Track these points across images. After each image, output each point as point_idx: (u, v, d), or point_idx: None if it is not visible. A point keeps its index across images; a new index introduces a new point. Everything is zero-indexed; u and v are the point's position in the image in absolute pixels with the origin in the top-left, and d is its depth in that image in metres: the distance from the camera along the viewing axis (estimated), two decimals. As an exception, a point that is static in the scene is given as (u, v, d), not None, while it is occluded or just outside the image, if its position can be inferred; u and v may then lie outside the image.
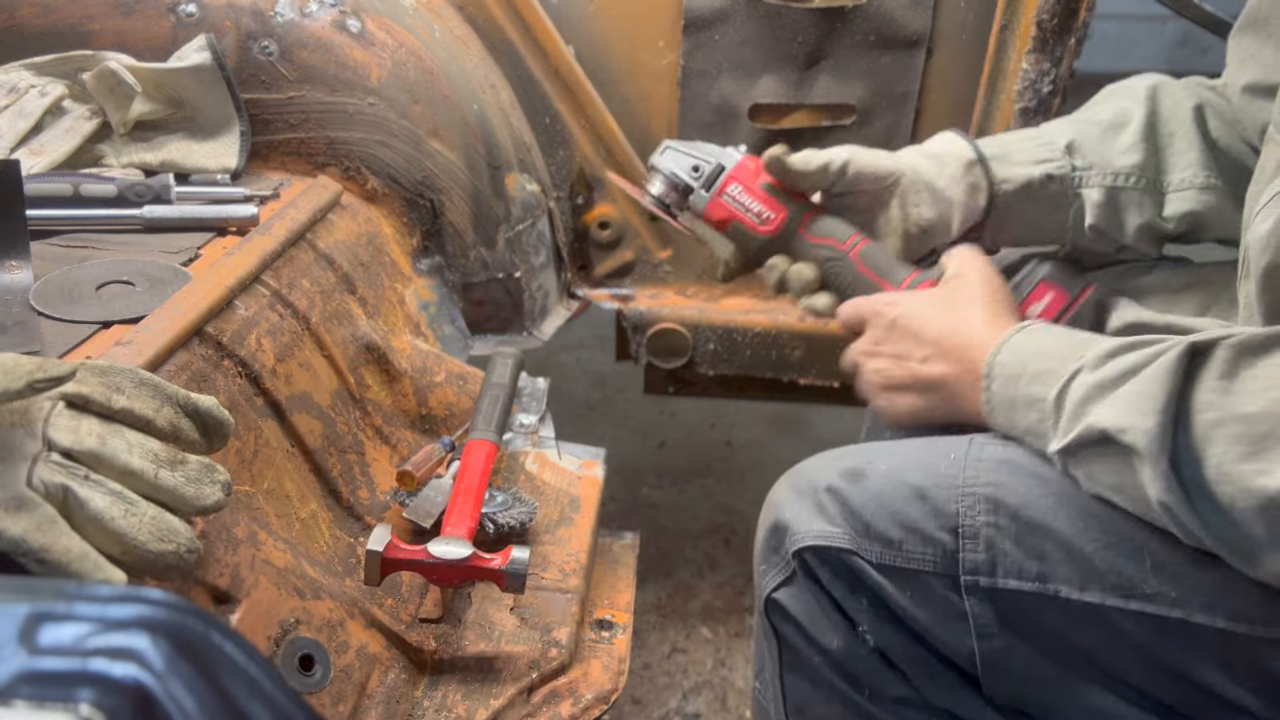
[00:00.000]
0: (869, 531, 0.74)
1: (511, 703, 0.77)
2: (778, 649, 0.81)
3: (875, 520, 0.74)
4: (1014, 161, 0.93)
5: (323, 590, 0.74)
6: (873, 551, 0.74)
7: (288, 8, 1.11)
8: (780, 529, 0.80)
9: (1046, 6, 1.19)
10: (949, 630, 0.72)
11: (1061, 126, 0.95)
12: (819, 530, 0.76)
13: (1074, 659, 0.70)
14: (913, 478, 0.75)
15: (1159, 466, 0.60)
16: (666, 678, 1.49)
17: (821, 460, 0.83)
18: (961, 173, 0.92)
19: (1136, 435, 0.61)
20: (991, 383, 0.75)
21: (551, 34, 1.27)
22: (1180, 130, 0.90)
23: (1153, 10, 2.16)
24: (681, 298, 1.42)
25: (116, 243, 0.93)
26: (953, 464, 0.75)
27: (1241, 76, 0.85)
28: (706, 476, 1.96)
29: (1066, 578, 0.68)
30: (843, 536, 0.75)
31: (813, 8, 1.24)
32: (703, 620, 1.60)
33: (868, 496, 0.75)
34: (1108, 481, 0.67)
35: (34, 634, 0.37)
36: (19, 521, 0.50)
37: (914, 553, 0.73)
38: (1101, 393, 0.65)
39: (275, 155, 1.14)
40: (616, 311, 1.41)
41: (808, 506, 0.78)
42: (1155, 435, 0.60)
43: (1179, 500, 0.60)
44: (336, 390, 0.93)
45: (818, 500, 0.78)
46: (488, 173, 1.22)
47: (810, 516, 0.77)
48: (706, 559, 1.74)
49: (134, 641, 0.37)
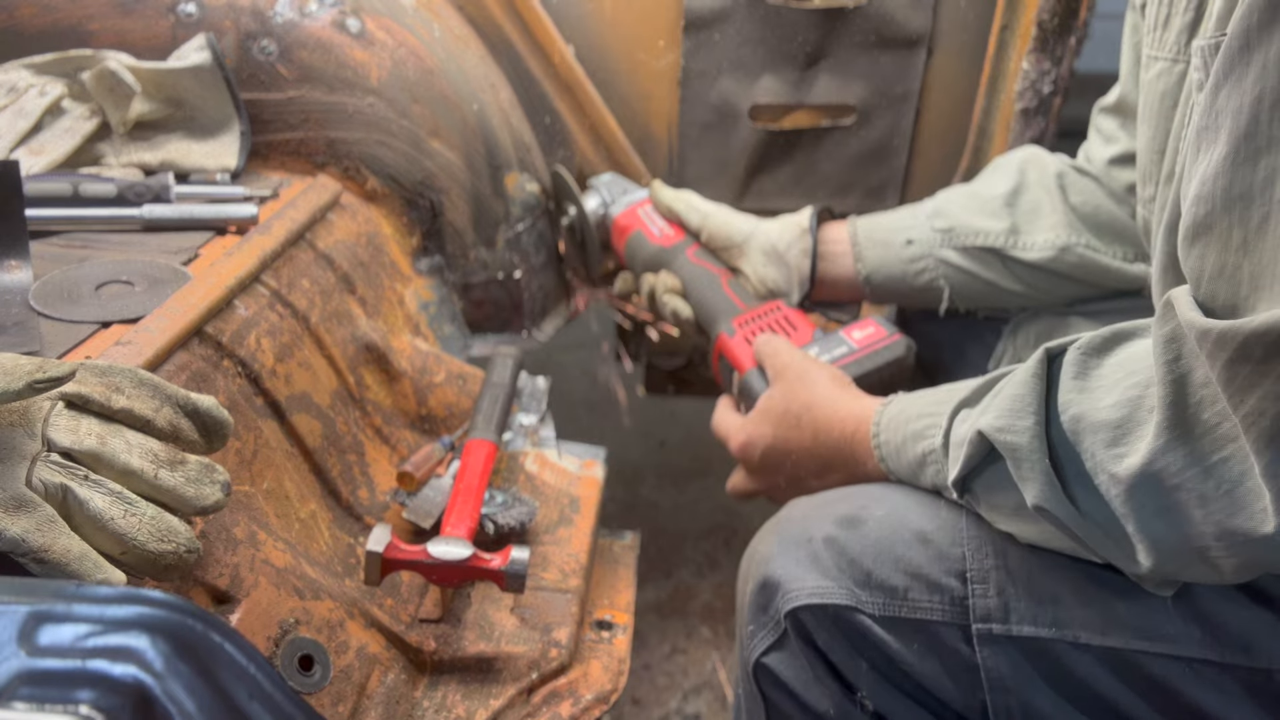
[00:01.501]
0: (870, 581, 0.70)
1: (511, 703, 0.77)
2: (765, 716, 0.77)
3: (877, 568, 0.70)
4: (881, 227, 1.07)
5: (322, 590, 0.74)
6: (875, 603, 0.70)
7: (287, 7, 1.11)
8: (769, 586, 0.75)
9: (1047, 6, 1.19)
10: (959, 684, 0.68)
11: (935, 198, 1.07)
12: (814, 586, 0.71)
13: (1096, 709, 0.66)
14: (914, 521, 0.72)
15: (1040, 465, 0.61)
16: (666, 678, 1.49)
17: (810, 507, 0.79)
18: (796, 238, 1.07)
19: (1017, 434, 0.62)
20: (885, 461, 0.79)
21: (551, 34, 1.27)
22: (1045, 197, 1.01)
23: (1153, 10, 2.16)
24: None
25: (116, 242, 0.93)
26: (952, 507, 0.73)
27: (1106, 151, 1.01)
28: (706, 476, 1.96)
29: (1084, 622, 0.65)
30: (840, 591, 0.70)
31: (813, 8, 1.24)
32: (703, 620, 1.60)
33: (867, 544, 0.72)
34: (1007, 506, 0.66)
35: (34, 634, 0.37)
36: (19, 521, 0.50)
37: (920, 601, 0.69)
38: (980, 413, 0.66)
39: (275, 155, 1.14)
40: (617, 311, 1.41)
41: (800, 559, 0.73)
42: (1034, 432, 0.61)
43: (1059, 499, 0.60)
44: (336, 390, 0.93)
45: (812, 552, 0.73)
46: (488, 172, 1.22)
47: (804, 570, 0.73)
48: (706, 559, 1.74)
49: (134, 642, 0.37)
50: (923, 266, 1.04)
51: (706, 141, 1.34)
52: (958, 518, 0.71)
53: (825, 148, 1.33)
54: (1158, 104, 0.73)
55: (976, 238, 1.01)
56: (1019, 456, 0.62)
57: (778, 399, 0.90)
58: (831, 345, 0.99)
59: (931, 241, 1.03)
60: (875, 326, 1.01)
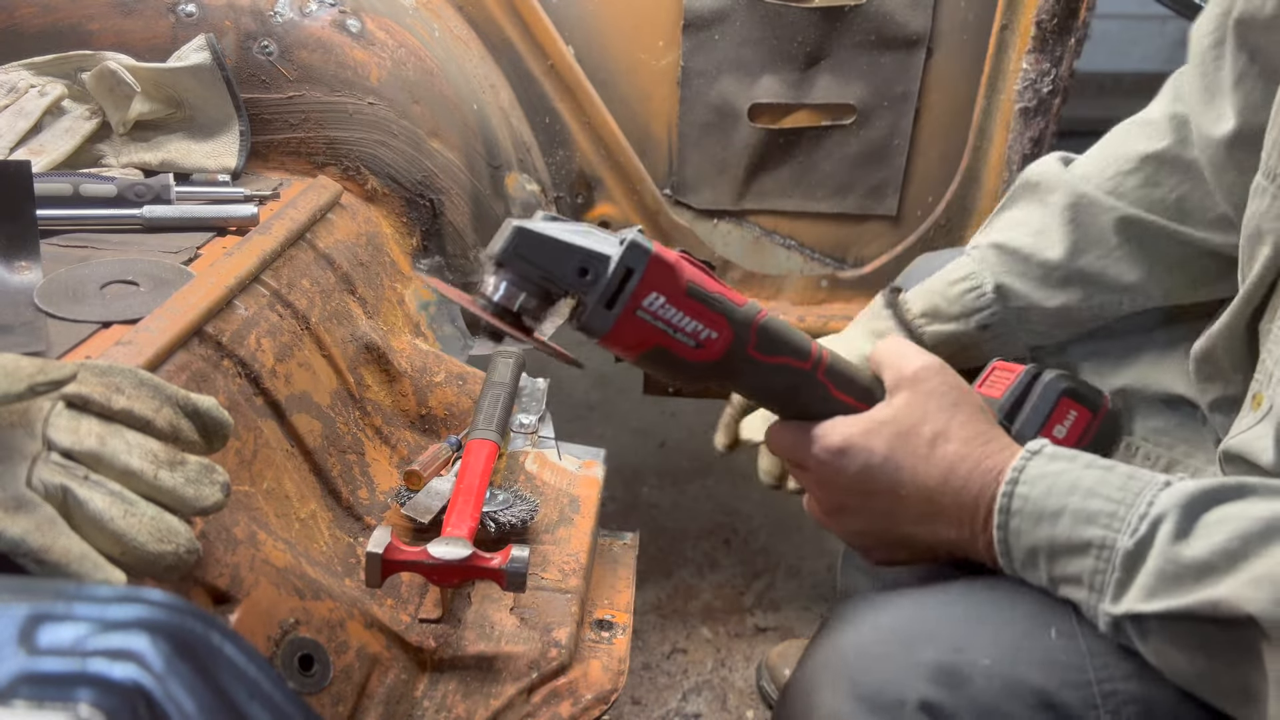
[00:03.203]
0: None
1: (511, 703, 0.77)
2: None
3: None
4: (945, 316, 0.88)
5: (322, 590, 0.74)
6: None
7: (287, 8, 1.11)
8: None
9: (1046, 6, 1.19)
10: None
11: (987, 261, 0.89)
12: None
13: None
14: (1029, 676, 0.59)
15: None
16: (666, 678, 1.49)
17: (888, 647, 0.62)
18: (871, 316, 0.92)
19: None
20: (1010, 519, 0.62)
21: (551, 34, 1.27)
22: (1110, 258, 0.84)
23: (1153, 10, 2.16)
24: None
25: (116, 243, 0.93)
26: (1066, 645, 0.60)
27: (1219, 125, 0.72)
28: (706, 476, 1.96)
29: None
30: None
31: (813, 8, 1.24)
32: (703, 620, 1.60)
33: (979, 711, 0.58)
34: (1190, 669, 0.56)
35: (34, 635, 0.37)
36: (19, 522, 0.50)
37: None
38: (1225, 564, 0.53)
39: (275, 155, 1.14)
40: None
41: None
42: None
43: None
44: (336, 390, 0.93)
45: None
46: (488, 172, 1.22)
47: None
48: (706, 559, 1.74)
49: (133, 642, 0.37)
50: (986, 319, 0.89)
51: (706, 141, 1.34)
52: (1081, 665, 0.59)
53: (825, 148, 1.33)
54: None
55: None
56: (1271, 641, 0.51)
57: (903, 412, 0.68)
58: None
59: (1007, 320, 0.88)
60: (1003, 366, 0.80)
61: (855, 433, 0.69)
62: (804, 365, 0.69)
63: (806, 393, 0.70)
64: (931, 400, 0.68)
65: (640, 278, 0.63)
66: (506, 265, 0.64)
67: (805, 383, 0.69)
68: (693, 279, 0.65)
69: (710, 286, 0.66)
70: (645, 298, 0.64)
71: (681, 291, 0.65)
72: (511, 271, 0.64)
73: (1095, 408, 0.75)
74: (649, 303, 0.64)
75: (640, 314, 0.64)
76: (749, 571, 1.71)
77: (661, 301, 0.64)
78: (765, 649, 1.50)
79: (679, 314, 0.65)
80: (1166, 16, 3.87)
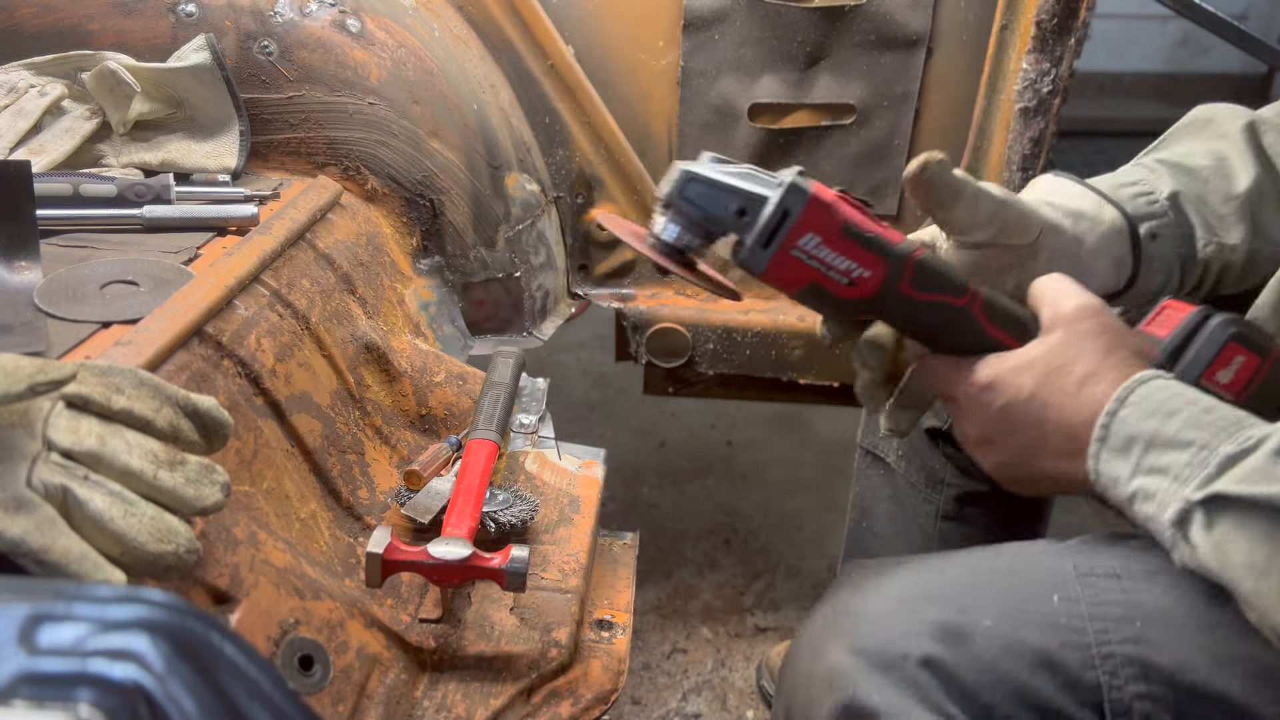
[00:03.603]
0: (990, 719, 0.58)
1: (511, 703, 0.77)
2: None
3: (998, 701, 0.58)
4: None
5: (322, 590, 0.74)
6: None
7: (287, 8, 1.11)
8: (862, 717, 0.59)
9: (1046, 6, 1.19)
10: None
11: (1157, 171, 0.82)
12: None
13: None
14: (1030, 636, 0.60)
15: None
16: (666, 678, 1.49)
17: (892, 606, 0.64)
18: (1109, 243, 0.77)
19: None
20: (1122, 407, 0.61)
21: (551, 34, 1.27)
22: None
23: (1153, 10, 2.16)
24: (681, 297, 1.42)
25: (116, 243, 0.93)
26: (1069, 609, 0.61)
27: None
28: (706, 476, 1.96)
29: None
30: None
31: (813, 8, 1.24)
32: (703, 620, 1.60)
33: (980, 667, 0.59)
34: (1247, 559, 0.55)
35: (34, 634, 0.37)
36: (19, 522, 0.50)
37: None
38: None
39: (275, 155, 1.14)
40: (616, 311, 1.41)
41: (898, 686, 0.59)
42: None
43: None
44: (336, 390, 0.93)
45: (909, 677, 0.59)
46: (488, 173, 1.22)
47: (905, 702, 0.59)
48: (706, 559, 1.74)
49: (133, 642, 0.37)
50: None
51: (706, 141, 1.34)
52: (1082, 629, 0.60)
53: (825, 148, 1.33)
54: None
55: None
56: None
57: (1055, 351, 0.67)
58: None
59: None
60: (1174, 305, 0.74)
61: (1004, 369, 0.68)
62: (959, 301, 0.70)
63: (960, 328, 0.70)
64: (1086, 341, 0.66)
65: (796, 219, 0.66)
66: (672, 206, 0.69)
67: (959, 318, 0.70)
68: (849, 218, 0.67)
69: (867, 226, 0.68)
70: (800, 238, 0.66)
71: (837, 231, 0.67)
72: (677, 212, 0.69)
73: (1265, 353, 0.71)
74: (804, 243, 0.67)
75: (795, 253, 0.67)
76: (749, 571, 1.71)
77: (816, 242, 0.67)
78: (765, 649, 1.50)
79: (833, 254, 0.67)
80: (1166, 16, 3.87)
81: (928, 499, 1.12)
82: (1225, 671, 0.57)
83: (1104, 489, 0.63)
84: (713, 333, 1.39)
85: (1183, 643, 0.58)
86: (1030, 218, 0.75)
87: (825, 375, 1.41)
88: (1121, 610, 0.60)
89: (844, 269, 0.68)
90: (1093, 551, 0.66)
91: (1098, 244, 0.76)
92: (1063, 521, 1.48)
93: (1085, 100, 3.84)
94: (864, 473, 1.19)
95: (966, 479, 1.09)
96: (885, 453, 1.14)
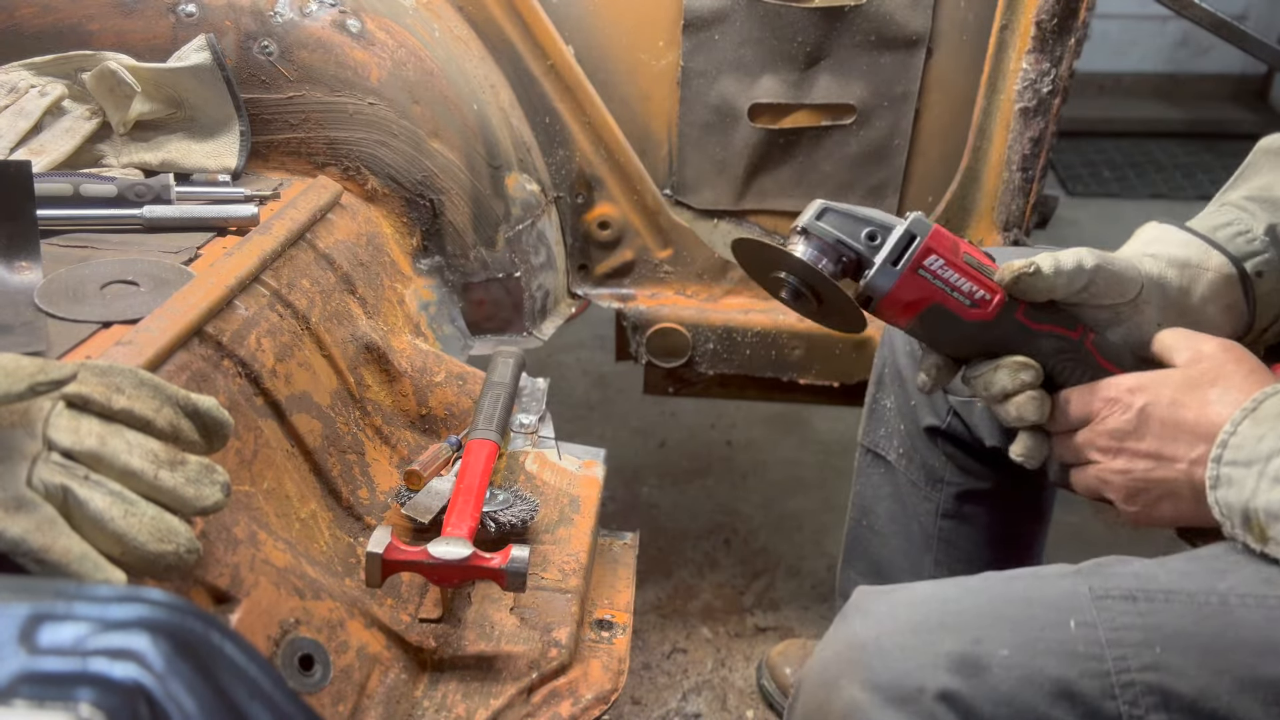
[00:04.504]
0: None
1: (511, 703, 0.77)
2: None
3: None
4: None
5: (323, 590, 0.74)
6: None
7: (287, 8, 1.11)
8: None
9: (1046, 6, 1.19)
10: None
11: (1248, 209, 0.82)
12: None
13: None
14: (1048, 666, 0.59)
15: None
16: (666, 678, 1.49)
17: (906, 638, 0.63)
18: (1220, 290, 0.77)
19: None
20: (1239, 424, 0.63)
21: (551, 34, 1.27)
22: None
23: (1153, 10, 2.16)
24: (681, 297, 1.42)
25: (116, 243, 0.93)
26: (1086, 635, 0.61)
27: None
28: (706, 476, 1.96)
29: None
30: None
31: (813, 8, 1.24)
32: (703, 620, 1.60)
33: (998, 700, 0.58)
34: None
35: (34, 634, 0.37)
36: (19, 522, 0.50)
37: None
38: None
39: (275, 155, 1.14)
40: (616, 311, 1.41)
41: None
42: None
43: None
44: (336, 390, 0.93)
45: (928, 713, 0.58)
46: (488, 173, 1.22)
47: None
48: (706, 559, 1.74)
49: (134, 642, 0.37)
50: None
51: (706, 141, 1.34)
52: (1100, 656, 0.59)
53: (825, 148, 1.33)
54: None
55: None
56: None
57: (1197, 369, 0.70)
58: None
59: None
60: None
61: (1147, 379, 0.71)
62: (1072, 334, 0.74)
63: (1075, 359, 0.74)
64: (1229, 364, 0.69)
65: (923, 241, 0.73)
66: (810, 232, 0.76)
67: (1073, 349, 0.74)
68: (968, 251, 0.74)
69: (984, 259, 0.74)
70: (927, 258, 0.73)
71: (959, 257, 0.73)
72: (814, 237, 0.75)
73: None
74: (930, 262, 0.73)
75: (921, 272, 0.73)
76: (749, 571, 1.71)
77: (941, 263, 0.73)
78: (765, 649, 1.50)
79: (956, 275, 0.73)
80: (1166, 16, 3.87)
81: (928, 497, 1.12)
82: (1247, 698, 0.56)
83: (1222, 496, 0.63)
84: (713, 333, 1.39)
85: (1204, 668, 0.57)
86: (1125, 277, 0.76)
87: (825, 375, 1.41)
88: (1140, 635, 0.59)
89: (967, 290, 0.73)
90: (1107, 573, 0.65)
91: (1207, 292, 0.77)
92: (1062, 521, 1.48)
93: (1085, 100, 3.84)
94: (865, 471, 1.19)
95: (966, 477, 1.09)
96: (886, 451, 1.14)
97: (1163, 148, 3.64)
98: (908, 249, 0.73)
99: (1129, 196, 3.26)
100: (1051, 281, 0.73)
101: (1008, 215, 1.32)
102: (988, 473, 1.08)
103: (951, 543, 1.14)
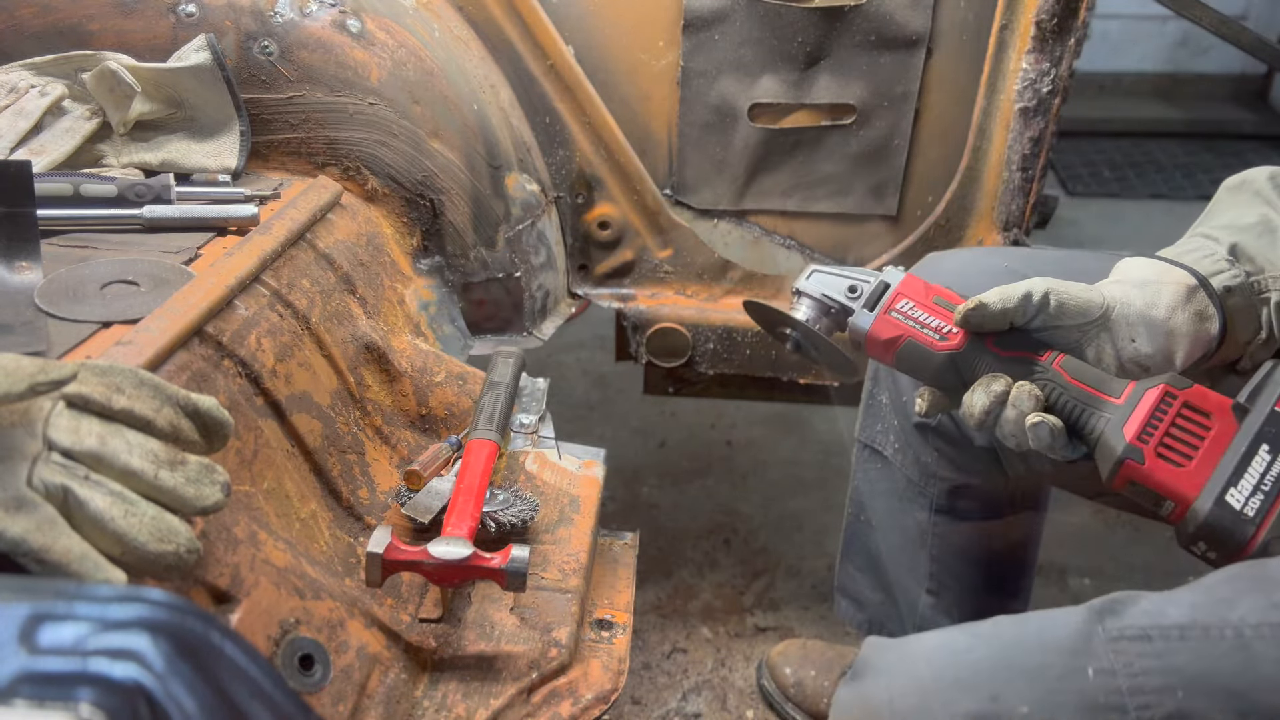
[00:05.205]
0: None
1: (511, 703, 0.77)
2: None
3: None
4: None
5: (323, 590, 0.74)
6: None
7: (288, 8, 1.11)
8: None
9: (1046, 6, 1.19)
10: None
11: (1213, 234, 0.86)
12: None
13: None
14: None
15: None
16: (666, 678, 1.49)
17: (922, 699, 0.63)
18: (1183, 299, 0.80)
19: None
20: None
21: (551, 34, 1.27)
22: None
23: (1153, 10, 2.16)
24: (681, 297, 1.42)
25: (116, 243, 0.93)
26: (1105, 684, 0.60)
27: None
28: (706, 476, 1.96)
29: None
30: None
31: (813, 8, 1.24)
32: (703, 620, 1.60)
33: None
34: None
35: (34, 634, 0.37)
36: (19, 522, 0.50)
37: None
38: None
39: (275, 155, 1.14)
40: (616, 311, 1.41)
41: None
42: None
43: None
44: (336, 390, 0.93)
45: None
46: (488, 173, 1.22)
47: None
48: (706, 559, 1.74)
49: (134, 642, 0.37)
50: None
51: (706, 141, 1.34)
52: (1121, 705, 0.59)
53: (825, 148, 1.33)
54: None
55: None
56: None
57: None
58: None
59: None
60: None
61: None
62: (1039, 358, 0.80)
63: (1041, 380, 0.80)
64: None
65: (894, 289, 0.85)
66: (803, 292, 0.89)
67: (1040, 371, 0.80)
68: (939, 294, 0.85)
69: (954, 299, 0.84)
70: (898, 301, 0.84)
71: (929, 299, 0.84)
72: (806, 296, 0.89)
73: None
74: (901, 305, 0.84)
75: (894, 314, 0.84)
76: (749, 571, 1.71)
77: (911, 305, 0.84)
78: (765, 649, 1.50)
79: (925, 314, 0.83)
80: (1166, 16, 3.87)
81: (922, 492, 1.12)
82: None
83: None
84: (713, 333, 1.39)
85: (1228, 711, 0.57)
86: (1083, 299, 0.81)
87: (824, 375, 1.41)
88: (1160, 679, 0.59)
89: (935, 326, 0.83)
90: (1119, 611, 0.65)
91: (1171, 301, 0.81)
92: (1062, 521, 1.49)
93: (1085, 100, 3.84)
94: (862, 466, 1.19)
95: (957, 472, 1.09)
96: (882, 446, 1.15)
97: (1163, 148, 3.64)
98: (882, 296, 0.85)
99: (1129, 196, 3.26)
100: (1000, 312, 0.79)
101: (1008, 215, 1.32)
102: (979, 469, 1.08)
103: (945, 537, 1.14)
